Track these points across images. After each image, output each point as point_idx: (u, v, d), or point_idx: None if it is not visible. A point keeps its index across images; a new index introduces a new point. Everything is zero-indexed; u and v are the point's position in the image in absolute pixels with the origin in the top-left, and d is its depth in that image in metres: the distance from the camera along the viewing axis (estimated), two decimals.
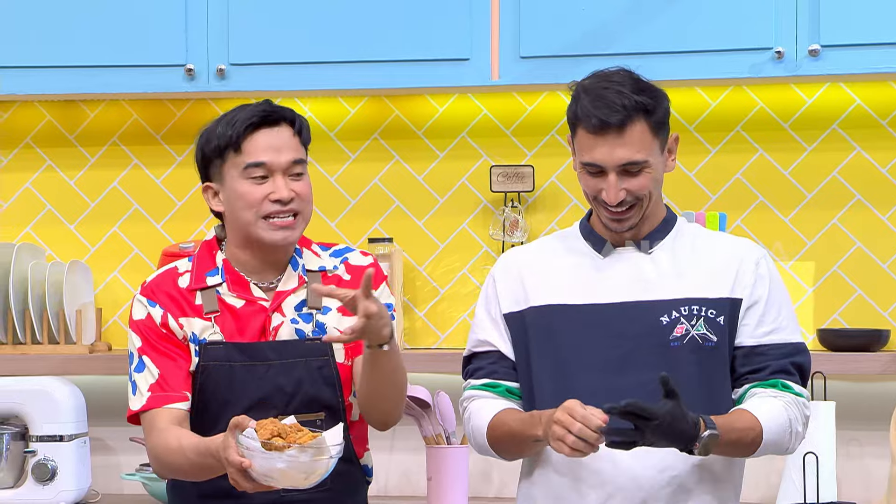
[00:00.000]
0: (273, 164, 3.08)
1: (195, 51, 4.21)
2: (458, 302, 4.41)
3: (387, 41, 4.13)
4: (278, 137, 3.10)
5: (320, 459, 2.75)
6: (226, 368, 3.09)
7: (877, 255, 4.25)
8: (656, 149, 3.00)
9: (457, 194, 4.44)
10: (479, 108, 4.43)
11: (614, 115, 2.94)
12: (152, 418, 3.09)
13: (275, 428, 2.75)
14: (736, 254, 3.06)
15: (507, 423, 3.03)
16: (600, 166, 2.97)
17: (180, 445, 3.00)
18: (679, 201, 4.31)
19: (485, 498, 4.32)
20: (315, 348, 3.11)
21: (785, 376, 3.02)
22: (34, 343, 4.40)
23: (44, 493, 4.23)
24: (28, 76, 4.28)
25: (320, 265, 3.18)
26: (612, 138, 2.95)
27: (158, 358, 3.11)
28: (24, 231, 4.61)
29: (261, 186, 3.08)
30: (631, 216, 3.01)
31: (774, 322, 3.04)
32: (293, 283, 3.15)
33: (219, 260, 3.16)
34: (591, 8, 4.05)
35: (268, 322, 3.12)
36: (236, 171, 3.10)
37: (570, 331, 3.02)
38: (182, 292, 3.13)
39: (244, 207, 3.09)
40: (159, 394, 3.08)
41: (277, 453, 2.72)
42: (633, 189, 2.98)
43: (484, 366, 3.13)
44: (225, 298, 3.13)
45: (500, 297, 3.12)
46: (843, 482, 4.19)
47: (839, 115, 4.26)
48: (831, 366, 4.07)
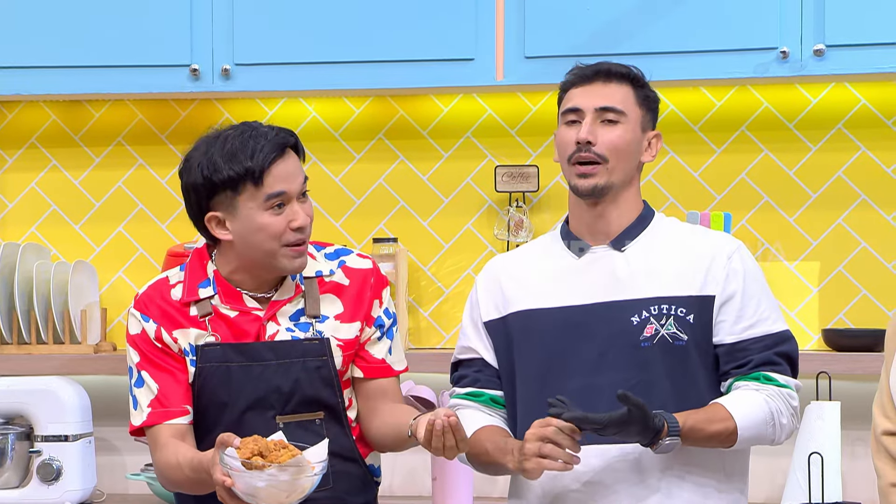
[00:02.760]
0: (291, 192, 3.02)
1: (200, 51, 4.21)
2: (463, 302, 4.37)
3: (391, 41, 4.13)
4: (291, 164, 3.04)
5: (300, 478, 2.77)
6: (223, 369, 3.08)
7: (882, 255, 4.25)
8: (636, 117, 3.04)
9: (461, 194, 4.44)
10: (483, 108, 4.43)
11: (602, 69, 3.04)
12: (155, 435, 3.09)
13: (256, 447, 2.76)
14: (708, 249, 3.05)
15: (484, 446, 3.04)
16: (579, 109, 3.02)
17: (178, 462, 3.01)
18: (683, 201, 4.31)
19: (490, 498, 4.32)
20: (313, 348, 3.09)
21: (769, 368, 3.01)
22: (39, 343, 4.40)
23: (49, 493, 4.23)
24: (33, 76, 4.28)
25: (317, 269, 3.14)
26: (596, 86, 3.03)
27: (157, 373, 3.09)
28: (29, 231, 4.61)
29: (281, 216, 3.02)
30: (596, 172, 3.02)
31: (754, 315, 3.02)
32: (289, 293, 3.11)
33: (209, 270, 3.12)
34: (596, 8, 4.05)
35: (262, 330, 3.09)
36: (255, 203, 3.01)
37: (548, 334, 3.04)
38: (174, 304, 3.10)
39: (267, 239, 3.02)
40: (159, 410, 3.08)
41: (258, 472, 2.74)
42: (604, 140, 3.00)
43: (469, 374, 3.15)
44: (219, 308, 3.10)
45: (482, 304, 3.14)
46: (849, 482, 4.18)
47: (844, 114, 4.26)
48: (836, 366, 4.07)
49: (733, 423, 2.94)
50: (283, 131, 3.05)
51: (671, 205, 4.31)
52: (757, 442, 3.01)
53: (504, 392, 3.12)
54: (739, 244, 3.09)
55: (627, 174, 3.04)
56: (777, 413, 2.99)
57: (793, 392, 3.03)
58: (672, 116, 4.34)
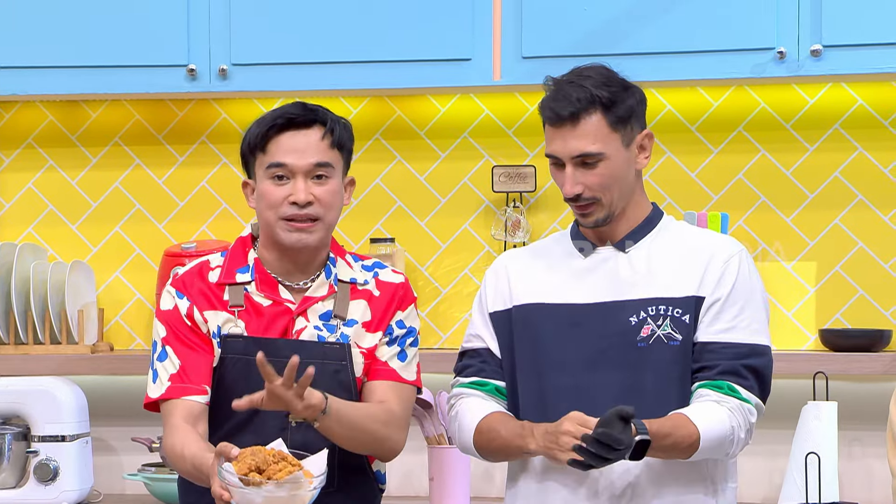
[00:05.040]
0: (294, 165, 3.09)
1: (197, 51, 4.21)
2: (460, 302, 4.41)
3: (388, 41, 4.13)
4: (304, 139, 3.10)
5: (298, 493, 2.77)
6: (243, 362, 3.10)
7: (879, 256, 4.25)
8: (616, 143, 3.02)
9: (459, 194, 4.44)
10: (480, 109, 4.43)
11: (567, 108, 3.00)
12: (169, 411, 3.10)
13: (254, 461, 2.76)
14: (708, 251, 3.06)
15: (498, 432, 3.05)
16: (558, 157, 3.04)
17: (183, 454, 3.02)
18: (681, 201, 4.31)
19: (487, 498, 4.32)
20: (333, 352, 3.12)
21: (734, 378, 2.99)
22: (36, 343, 4.40)
23: (46, 494, 4.23)
24: (30, 76, 4.28)
25: (352, 276, 3.19)
26: (566, 130, 3.01)
27: (182, 349, 3.12)
28: (26, 231, 4.61)
29: (281, 188, 3.09)
30: (593, 211, 3.05)
31: (732, 321, 3.02)
32: (323, 291, 3.16)
33: (250, 258, 3.18)
34: (593, 8, 4.05)
35: (291, 325, 3.13)
36: (262, 171, 3.12)
37: (548, 329, 3.07)
38: (211, 286, 3.15)
39: (266, 207, 3.11)
40: (179, 385, 3.10)
41: (255, 489, 2.74)
42: (590, 184, 3.02)
43: (474, 363, 3.17)
44: (252, 297, 3.14)
45: (489, 296, 3.17)
46: (846, 482, 4.18)
47: (841, 115, 4.26)
48: (833, 366, 4.07)
49: (697, 434, 2.94)
50: (313, 109, 3.13)
51: (668, 205, 4.31)
52: (713, 455, 3.00)
53: (506, 383, 3.13)
54: (741, 249, 3.09)
55: (625, 195, 3.07)
56: (738, 428, 2.99)
57: (753, 409, 3.01)
58: (669, 116, 4.34)
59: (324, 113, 3.14)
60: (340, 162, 3.16)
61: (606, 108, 3.01)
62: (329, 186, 3.11)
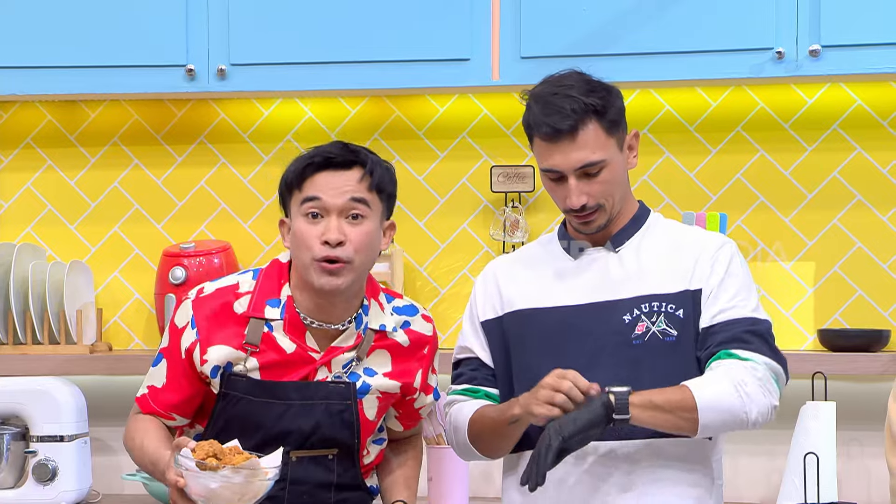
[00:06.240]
0: (328, 202, 2.99)
1: (196, 51, 4.21)
2: (459, 302, 4.41)
3: (387, 41, 4.13)
4: (341, 178, 3.01)
5: (253, 482, 2.78)
6: (245, 402, 3.06)
7: (877, 256, 4.25)
8: (613, 147, 3.03)
9: (457, 195, 4.44)
10: (479, 109, 4.43)
11: (565, 121, 2.98)
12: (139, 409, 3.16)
13: (211, 449, 2.78)
14: (697, 245, 3.07)
15: (487, 413, 3.07)
16: (559, 171, 3.01)
17: (141, 445, 3.05)
18: (679, 202, 4.31)
19: (485, 498, 4.32)
20: (337, 391, 3.07)
21: (733, 345, 2.97)
22: (35, 343, 4.40)
23: (44, 494, 4.23)
24: (29, 76, 4.27)
25: (381, 323, 3.11)
26: (565, 143, 2.99)
27: (172, 372, 3.10)
28: (24, 231, 4.61)
29: (315, 226, 3.00)
30: (596, 218, 3.05)
31: (730, 302, 3.01)
32: (351, 342, 3.08)
33: (284, 294, 3.08)
34: (592, 8, 4.05)
35: (312, 374, 3.07)
36: (296, 208, 3.03)
37: (542, 334, 3.07)
38: (233, 318, 3.05)
39: (300, 247, 3.01)
40: (150, 402, 3.12)
41: (211, 473, 2.75)
42: (595, 193, 3.02)
43: (465, 372, 3.18)
44: (275, 337, 3.05)
45: (479, 304, 3.18)
46: (844, 482, 4.19)
47: (840, 115, 4.26)
48: (832, 366, 4.07)
49: (689, 392, 2.89)
50: (354, 152, 3.03)
51: (667, 205, 4.31)
52: (727, 416, 2.91)
53: (500, 391, 3.14)
54: (728, 241, 3.10)
55: (623, 197, 3.08)
56: (741, 383, 2.92)
57: (758, 366, 2.95)
58: (668, 116, 4.34)
59: (365, 154, 3.05)
60: (379, 205, 3.06)
61: (600, 115, 3.00)
62: (363, 227, 3.01)
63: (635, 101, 4.29)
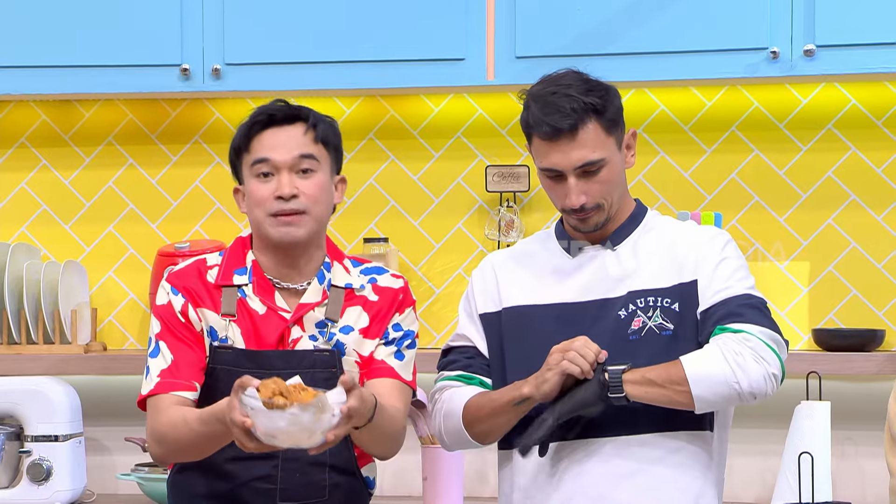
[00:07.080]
0: (277, 160, 3.07)
1: (190, 51, 4.21)
2: (454, 302, 4.41)
3: (382, 41, 4.13)
4: (286, 135, 3.10)
5: (322, 417, 2.73)
6: (233, 374, 3.04)
7: (872, 255, 4.25)
8: (612, 146, 3.03)
9: (452, 194, 4.44)
10: (474, 108, 4.43)
11: (565, 121, 2.98)
12: (157, 401, 3.07)
13: (277, 387, 2.72)
14: (692, 239, 3.07)
15: (487, 395, 3.07)
16: (559, 170, 3.02)
17: (185, 419, 3.00)
18: (674, 201, 4.31)
19: (480, 498, 4.32)
20: (323, 359, 3.09)
21: (728, 319, 2.96)
22: (29, 343, 4.39)
23: (39, 493, 4.22)
24: (23, 76, 4.27)
25: (347, 282, 3.15)
26: (565, 143, 3.00)
27: (174, 344, 3.10)
28: (19, 231, 4.61)
29: (267, 184, 3.08)
30: (594, 217, 3.06)
31: (725, 282, 3.00)
32: (316, 297, 3.12)
33: (248, 260, 3.15)
34: (587, 8, 4.05)
35: (287, 334, 3.10)
36: (248, 170, 3.11)
37: (539, 330, 3.07)
38: (208, 286, 3.13)
39: (254, 206, 3.09)
40: (168, 380, 3.07)
41: (279, 412, 2.70)
42: (594, 192, 3.02)
43: (460, 359, 3.17)
44: (248, 301, 3.11)
45: (477, 297, 3.17)
46: (838, 482, 4.19)
47: (834, 115, 4.27)
48: (826, 366, 4.07)
49: (680, 365, 2.91)
50: (296, 108, 3.13)
51: (662, 205, 4.31)
52: (719, 387, 2.91)
53: (493, 385, 3.13)
54: (722, 232, 3.11)
55: (621, 196, 3.09)
56: (732, 353, 2.91)
57: (749, 335, 2.94)
58: (662, 116, 4.34)
59: (306, 110, 3.14)
60: (327, 158, 3.13)
61: (599, 114, 3.01)
62: (314, 180, 3.09)
63: (630, 100, 4.29)
